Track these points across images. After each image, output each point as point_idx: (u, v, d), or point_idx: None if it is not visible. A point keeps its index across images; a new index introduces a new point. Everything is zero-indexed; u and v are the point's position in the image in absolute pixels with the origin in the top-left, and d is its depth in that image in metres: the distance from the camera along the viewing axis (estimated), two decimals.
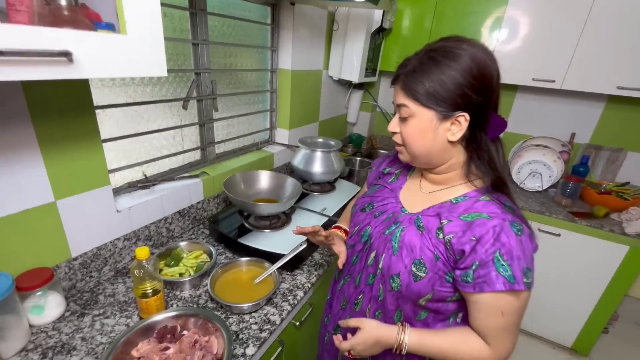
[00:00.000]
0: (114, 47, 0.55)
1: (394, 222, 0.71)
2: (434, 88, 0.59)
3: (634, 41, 1.54)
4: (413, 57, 0.64)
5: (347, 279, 0.82)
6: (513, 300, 0.58)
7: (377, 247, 0.71)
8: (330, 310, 0.91)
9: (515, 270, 0.56)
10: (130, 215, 1.03)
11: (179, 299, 0.93)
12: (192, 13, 1.16)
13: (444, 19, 1.91)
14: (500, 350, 0.62)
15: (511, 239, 0.57)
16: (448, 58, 0.59)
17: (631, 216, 1.64)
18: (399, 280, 0.65)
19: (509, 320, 0.59)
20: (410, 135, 0.65)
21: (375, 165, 0.92)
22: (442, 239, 0.63)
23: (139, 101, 1.06)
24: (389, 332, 0.67)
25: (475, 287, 0.58)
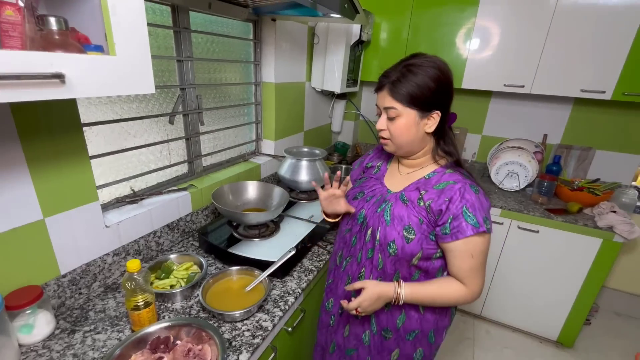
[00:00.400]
0: (104, 67, 0.58)
1: (383, 201, 0.88)
2: (415, 93, 0.76)
3: (594, 47, 1.67)
4: (393, 70, 0.80)
5: (349, 260, 0.95)
6: (479, 243, 0.77)
7: (372, 224, 0.87)
8: (334, 293, 1.01)
9: (478, 218, 0.75)
10: (119, 230, 1.04)
11: (171, 310, 0.94)
12: (176, 31, 1.20)
13: (419, 31, 2.00)
14: (473, 288, 0.81)
15: (472, 196, 0.77)
16: (422, 70, 0.77)
17: (602, 210, 1.74)
18: (395, 246, 0.81)
19: (477, 261, 0.79)
20: (398, 130, 0.81)
21: (356, 164, 1.10)
22: (423, 206, 0.81)
23: (125, 117, 1.08)
24: (388, 287, 0.82)
25: (452, 236, 0.77)
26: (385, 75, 0.81)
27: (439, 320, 0.91)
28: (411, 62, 0.78)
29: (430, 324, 0.90)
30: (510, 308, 2.06)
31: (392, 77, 0.78)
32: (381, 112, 0.84)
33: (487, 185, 2.15)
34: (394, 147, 0.85)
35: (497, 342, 2.01)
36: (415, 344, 0.91)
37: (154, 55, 1.14)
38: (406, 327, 0.90)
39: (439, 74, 0.77)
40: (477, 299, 1.91)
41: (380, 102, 0.82)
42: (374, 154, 1.05)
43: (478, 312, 2.16)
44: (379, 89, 0.82)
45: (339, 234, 1.02)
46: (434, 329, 0.91)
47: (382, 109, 0.82)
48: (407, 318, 0.89)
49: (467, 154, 2.39)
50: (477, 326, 2.13)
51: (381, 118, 0.83)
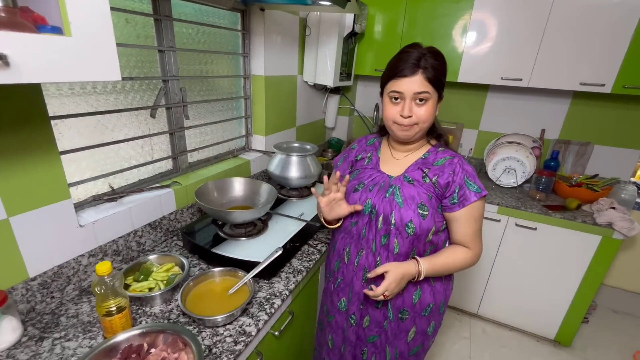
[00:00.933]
0: (57, 49, 0.51)
1: (388, 187, 0.90)
2: (441, 77, 0.83)
3: (593, 38, 1.62)
4: (416, 56, 0.82)
5: (361, 253, 0.94)
6: (480, 208, 0.87)
7: (383, 210, 0.88)
8: (348, 292, 0.99)
9: (478, 184, 0.85)
10: (95, 229, 0.98)
11: (149, 315, 0.88)
12: (156, 19, 1.13)
13: (413, 23, 1.95)
14: (476, 250, 0.90)
15: (468, 167, 0.87)
16: (437, 57, 0.83)
17: (601, 207, 1.70)
18: (413, 225, 0.85)
19: (478, 224, 0.88)
20: (427, 114, 0.84)
21: (339, 159, 1.09)
22: (430, 183, 0.87)
23: (101, 110, 1.02)
24: (408, 266, 0.86)
25: (460, 204, 0.85)
26: (410, 61, 0.81)
27: (446, 288, 0.97)
28: (426, 50, 0.83)
29: (440, 294, 0.95)
30: (507, 307, 2.02)
31: (420, 62, 0.81)
32: (401, 99, 0.84)
33: (484, 181, 2.10)
34: (415, 131, 0.87)
35: (494, 341, 1.98)
36: (430, 318, 0.96)
37: (129, 44, 1.07)
38: (422, 302, 0.93)
39: (445, 60, 0.86)
40: (462, 291, 2.06)
41: (409, 87, 0.82)
42: (359, 147, 1.05)
43: (474, 311, 2.12)
44: (407, 75, 0.82)
45: (343, 231, 0.99)
46: (443, 299, 0.97)
47: (412, 94, 0.82)
48: (422, 292, 0.93)
49: (464, 150, 2.34)
50: (473, 325, 2.09)
51: (407, 104, 0.84)
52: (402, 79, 0.82)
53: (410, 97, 0.83)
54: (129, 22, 1.06)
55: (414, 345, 0.98)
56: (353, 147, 1.07)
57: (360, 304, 0.98)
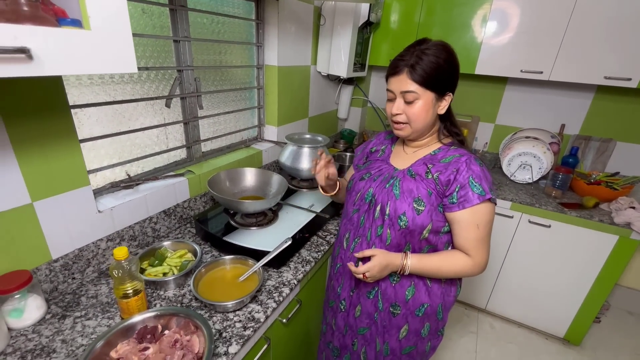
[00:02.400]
0: (77, 43, 0.53)
1: (391, 178, 0.90)
2: (434, 75, 0.78)
3: (620, 30, 1.54)
4: (407, 54, 0.80)
5: (357, 241, 0.94)
6: (485, 213, 0.81)
7: (381, 200, 0.88)
8: (344, 277, 1.01)
9: (484, 187, 0.79)
10: (113, 215, 1.02)
11: (163, 298, 0.92)
12: (172, 9, 1.14)
13: (431, 12, 1.89)
14: (478, 259, 0.84)
15: (477, 167, 0.81)
16: (437, 53, 0.78)
17: (620, 206, 1.65)
18: (406, 218, 0.83)
19: (483, 232, 0.82)
20: (416, 114, 0.82)
21: (360, 150, 1.11)
22: (431, 179, 0.84)
23: (118, 100, 1.05)
24: (395, 258, 0.84)
25: (459, 205, 0.80)
26: (401, 59, 0.81)
27: (445, 294, 0.93)
28: (425, 47, 0.79)
29: (437, 297, 0.92)
30: (516, 303, 2.00)
31: (409, 60, 0.79)
32: (395, 97, 0.84)
33: (498, 177, 2.06)
34: (409, 131, 0.86)
35: (501, 337, 1.97)
36: (424, 320, 0.93)
37: (147, 34, 1.09)
38: (415, 300, 0.91)
39: (451, 57, 0.81)
40: (471, 286, 2.13)
41: (397, 86, 0.82)
42: (377, 140, 1.07)
43: (483, 306, 2.11)
44: (395, 73, 0.82)
45: (345, 217, 1.02)
46: (441, 304, 0.93)
47: (399, 93, 0.82)
48: (416, 290, 0.91)
49: (479, 144, 2.29)
50: (481, 320, 2.09)
51: (397, 102, 0.83)
52: (392, 77, 0.83)
53: (399, 96, 0.82)
54: (145, 12, 1.07)
55: (407, 344, 0.96)
56: (371, 140, 1.09)
57: (351, 290, 0.99)
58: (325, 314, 1.13)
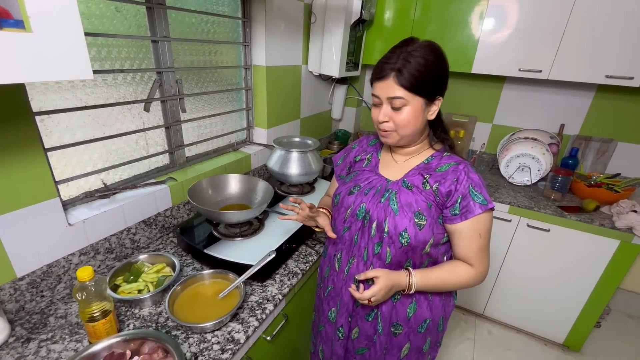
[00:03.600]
0: (17, 47, 0.47)
1: (385, 191, 0.83)
2: (423, 80, 0.73)
3: (622, 28, 1.48)
4: (393, 57, 0.73)
5: (352, 261, 0.87)
6: (486, 221, 0.77)
7: (377, 216, 0.81)
8: (338, 302, 0.93)
9: (485, 195, 0.76)
10: (86, 227, 0.96)
11: (138, 317, 0.87)
12: (149, 8, 1.08)
13: (426, 9, 1.83)
14: (480, 268, 0.81)
15: (475, 175, 0.78)
16: (426, 56, 0.72)
17: (621, 209, 1.59)
18: (407, 235, 0.77)
19: (484, 240, 0.78)
20: (405, 120, 0.76)
21: (339, 159, 1.03)
22: (430, 190, 0.79)
23: (90, 105, 0.98)
24: (400, 277, 0.79)
25: (462, 216, 0.76)
26: (386, 62, 0.74)
27: (445, 305, 0.90)
28: (412, 48, 0.73)
29: (439, 310, 0.88)
30: (514, 308, 1.95)
31: (396, 63, 0.72)
32: (382, 102, 0.78)
33: (496, 178, 2.01)
34: (397, 138, 0.81)
35: (499, 344, 1.92)
36: (426, 335, 0.90)
37: (123, 35, 1.02)
38: (418, 317, 0.87)
39: (440, 59, 0.75)
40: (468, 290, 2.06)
41: (383, 92, 0.76)
42: (360, 147, 0.99)
43: (480, 311, 2.06)
44: (381, 78, 0.75)
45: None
46: (442, 316, 0.90)
47: (386, 99, 0.76)
48: (418, 306, 0.86)
49: (476, 144, 2.24)
50: (478, 326, 2.04)
51: (383, 109, 0.78)
52: (377, 82, 0.76)
53: (386, 102, 0.77)
54: (119, 11, 1.00)
55: None
56: (353, 147, 1.01)
57: (349, 316, 0.91)
58: (315, 337, 1.07)
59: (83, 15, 0.92)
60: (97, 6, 0.95)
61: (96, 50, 0.97)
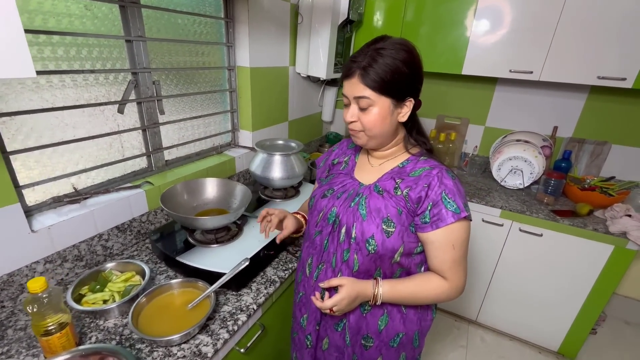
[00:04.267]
0: None
1: (356, 195, 0.80)
2: (390, 79, 0.69)
3: (613, 28, 1.45)
4: (361, 54, 0.71)
5: (321, 267, 0.83)
6: (460, 232, 0.72)
7: (346, 221, 0.77)
8: (308, 309, 0.89)
9: (458, 203, 0.70)
10: (52, 234, 0.92)
11: (102, 329, 0.82)
12: (122, 6, 1.04)
13: (416, 10, 1.80)
14: (455, 282, 0.75)
15: (449, 181, 0.72)
16: (394, 54, 0.68)
17: (615, 213, 1.55)
18: (374, 242, 0.73)
19: (459, 252, 0.73)
20: (372, 121, 0.73)
21: (321, 161, 1.00)
22: (401, 195, 0.75)
23: (58, 106, 0.94)
24: (366, 287, 0.75)
25: (432, 225, 0.71)
26: (353, 60, 0.71)
27: (421, 319, 0.85)
28: (381, 46, 0.70)
29: (414, 324, 0.83)
30: (508, 314, 1.90)
31: (362, 62, 0.69)
32: (350, 102, 0.75)
33: (488, 182, 1.97)
34: (365, 139, 0.78)
35: (493, 351, 1.87)
36: (399, 350, 0.85)
37: (92, 34, 0.99)
38: (389, 330, 0.82)
39: (411, 57, 0.71)
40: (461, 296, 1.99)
41: (350, 91, 0.73)
42: (339, 150, 0.97)
43: (473, 318, 2.01)
44: (347, 76, 0.73)
45: (308, 239, 0.90)
46: (418, 330, 0.85)
47: (352, 99, 0.74)
48: (390, 319, 0.81)
49: (469, 147, 2.20)
50: (471, 332, 1.99)
51: (351, 108, 0.75)
52: (344, 81, 0.74)
53: (353, 101, 0.74)
54: (88, 10, 0.97)
55: None
56: (334, 149, 0.98)
57: (317, 324, 0.87)
58: (291, 344, 1.03)
59: (49, 13, 0.89)
60: (65, 4, 0.91)
61: (64, 49, 0.94)
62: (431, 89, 2.18)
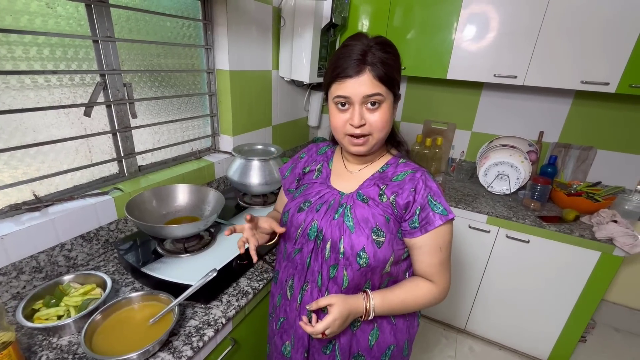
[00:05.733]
0: None
1: (338, 206, 0.75)
2: (394, 74, 0.68)
3: (597, 33, 1.44)
4: (358, 51, 0.66)
5: (305, 288, 0.77)
6: (446, 234, 0.71)
7: (331, 235, 0.72)
8: (292, 335, 0.82)
9: (444, 205, 0.70)
10: (5, 244, 0.85)
11: (54, 348, 0.76)
12: (87, 5, 1.00)
13: (400, 15, 1.78)
14: (443, 284, 0.74)
15: (432, 183, 0.71)
16: (392, 50, 0.69)
17: (601, 219, 1.53)
18: (366, 254, 0.69)
19: (445, 254, 0.72)
20: (384, 120, 0.69)
21: (286, 170, 0.93)
22: (387, 202, 0.72)
23: (16, 108, 0.89)
24: (357, 302, 0.71)
25: (422, 229, 0.69)
26: (358, 57, 0.65)
27: (410, 327, 0.83)
28: (374, 42, 0.67)
29: (403, 333, 0.81)
30: (497, 322, 1.87)
31: (367, 58, 0.65)
32: (353, 104, 0.68)
33: (475, 187, 1.94)
34: (372, 144, 0.71)
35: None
36: None
37: (53, 32, 0.94)
38: (380, 344, 0.78)
39: (397, 52, 0.71)
40: (449, 304, 2.01)
41: (358, 90, 0.66)
42: (309, 157, 0.90)
43: (462, 326, 1.97)
44: (353, 75, 0.66)
45: (285, 259, 0.83)
46: (407, 339, 0.82)
47: (361, 98, 0.66)
48: (380, 332, 0.77)
49: (456, 152, 2.18)
50: (460, 342, 1.94)
51: (357, 110, 0.67)
52: (346, 80, 0.66)
53: (359, 102, 0.67)
54: (49, 7, 0.92)
55: None
56: (301, 157, 0.91)
57: (305, 352, 0.80)
58: None
59: (5, 10, 0.84)
60: (23, 1, 0.87)
61: (23, 48, 0.89)
62: (418, 94, 2.16)
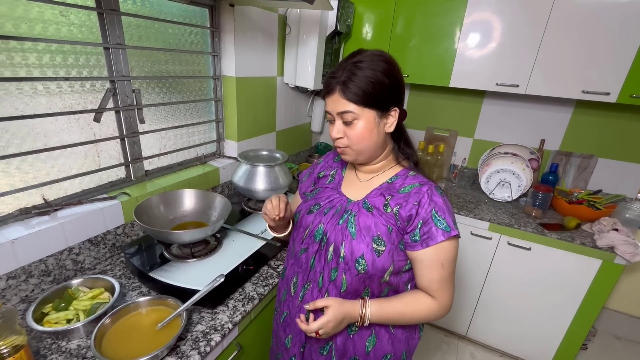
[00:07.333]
0: None
1: (344, 212, 0.77)
2: (371, 90, 0.68)
3: (597, 43, 1.47)
4: (340, 69, 0.70)
5: (307, 287, 0.80)
6: (450, 250, 0.71)
7: (334, 239, 0.75)
8: (292, 330, 0.85)
9: (448, 221, 0.70)
10: (15, 248, 0.87)
11: (64, 351, 0.77)
12: (100, 14, 1.02)
13: (404, 23, 1.81)
14: (444, 301, 0.74)
15: (439, 198, 0.71)
16: (372, 65, 0.68)
17: (603, 227, 1.54)
18: (364, 261, 0.71)
19: (447, 270, 0.72)
20: (358, 136, 0.71)
21: (305, 175, 0.97)
22: (391, 213, 0.73)
23: (28, 114, 0.91)
24: (353, 308, 0.73)
25: (422, 243, 0.70)
26: (332, 76, 0.71)
27: (409, 338, 0.83)
28: (358, 59, 0.69)
29: (402, 344, 0.81)
30: (498, 330, 1.87)
31: (341, 77, 0.69)
32: (334, 118, 0.73)
33: (477, 194, 1.96)
34: (354, 155, 0.76)
35: None
36: None
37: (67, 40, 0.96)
38: (377, 352, 0.79)
39: (390, 67, 0.70)
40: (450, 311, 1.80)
41: (332, 107, 0.72)
42: (325, 162, 0.94)
43: (463, 333, 1.97)
44: (328, 93, 0.72)
45: (292, 257, 0.86)
46: (405, 350, 0.83)
47: (336, 115, 0.72)
48: (378, 339, 0.79)
49: (458, 159, 2.20)
50: (461, 348, 1.94)
51: (336, 125, 0.73)
52: (327, 97, 0.72)
53: (337, 117, 0.72)
54: (63, 15, 0.94)
55: None
56: (319, 162, 0.95)
57: (302, 347, 0.83)
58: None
59: (20, 18, 0.86)
60: (38, 9, 0.89)
61: (36, 56, 0.91)
62: (420, 101, 2.18)
